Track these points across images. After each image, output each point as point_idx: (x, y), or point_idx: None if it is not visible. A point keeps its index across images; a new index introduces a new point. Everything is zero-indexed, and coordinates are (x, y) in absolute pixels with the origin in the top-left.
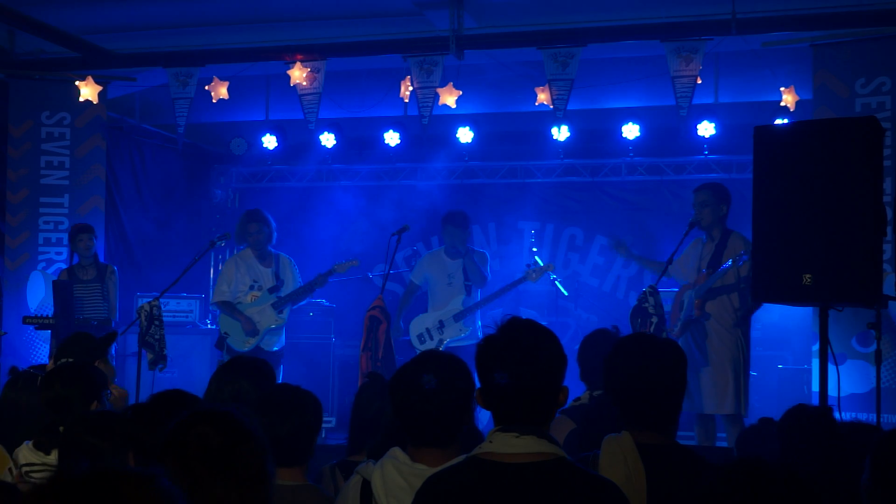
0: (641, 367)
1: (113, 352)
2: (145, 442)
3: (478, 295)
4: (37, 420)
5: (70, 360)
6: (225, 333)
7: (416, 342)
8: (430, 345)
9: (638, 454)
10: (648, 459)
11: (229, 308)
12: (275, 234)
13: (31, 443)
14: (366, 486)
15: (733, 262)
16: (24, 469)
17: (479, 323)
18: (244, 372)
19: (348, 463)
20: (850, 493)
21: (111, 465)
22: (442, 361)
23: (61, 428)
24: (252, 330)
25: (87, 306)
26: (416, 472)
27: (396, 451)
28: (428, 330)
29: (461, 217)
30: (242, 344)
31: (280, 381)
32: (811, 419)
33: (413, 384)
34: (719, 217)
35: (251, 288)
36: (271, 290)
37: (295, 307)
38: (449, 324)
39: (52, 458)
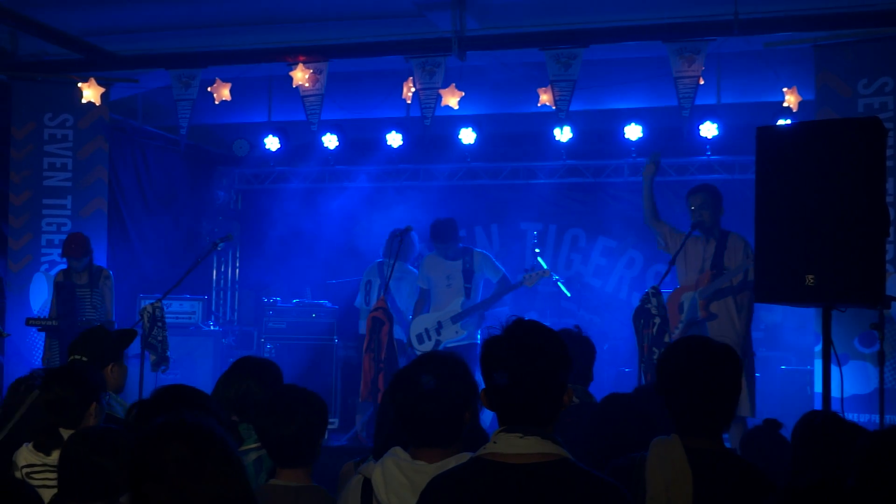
0: (693, 371)
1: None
2: None
3: (477, 297)
4: (36, 421)
5: (83, 358)
6: None
7: (415, 342)
8: (427, 345)
9: (686, 459)
10: (696, 465)
11: None
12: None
13: (31, 444)
14: (367, 485)
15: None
16: (25, 471)
17: (483, 324)
18: (251, 372)
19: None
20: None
21: (115, 483)
22: (441, 362)
23: (61, 429)
24: None
25: (85, 309)
26: (417, 468)
27: (397, 450)
28: (427, 330)
29: (445, 230)
30: None
31: None
32: (827, 430)
33: (412, 385)
34: (718, 217)
35: None
36: None
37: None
38: (447, 325)
39: (53, 458)
